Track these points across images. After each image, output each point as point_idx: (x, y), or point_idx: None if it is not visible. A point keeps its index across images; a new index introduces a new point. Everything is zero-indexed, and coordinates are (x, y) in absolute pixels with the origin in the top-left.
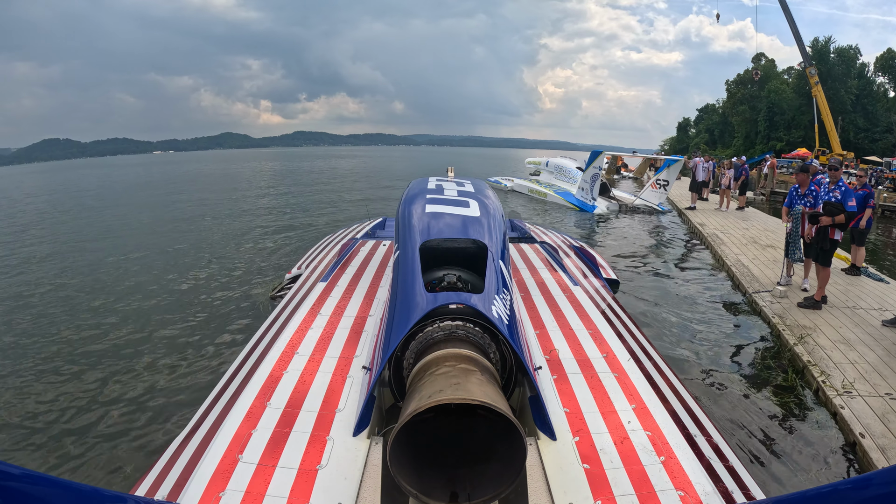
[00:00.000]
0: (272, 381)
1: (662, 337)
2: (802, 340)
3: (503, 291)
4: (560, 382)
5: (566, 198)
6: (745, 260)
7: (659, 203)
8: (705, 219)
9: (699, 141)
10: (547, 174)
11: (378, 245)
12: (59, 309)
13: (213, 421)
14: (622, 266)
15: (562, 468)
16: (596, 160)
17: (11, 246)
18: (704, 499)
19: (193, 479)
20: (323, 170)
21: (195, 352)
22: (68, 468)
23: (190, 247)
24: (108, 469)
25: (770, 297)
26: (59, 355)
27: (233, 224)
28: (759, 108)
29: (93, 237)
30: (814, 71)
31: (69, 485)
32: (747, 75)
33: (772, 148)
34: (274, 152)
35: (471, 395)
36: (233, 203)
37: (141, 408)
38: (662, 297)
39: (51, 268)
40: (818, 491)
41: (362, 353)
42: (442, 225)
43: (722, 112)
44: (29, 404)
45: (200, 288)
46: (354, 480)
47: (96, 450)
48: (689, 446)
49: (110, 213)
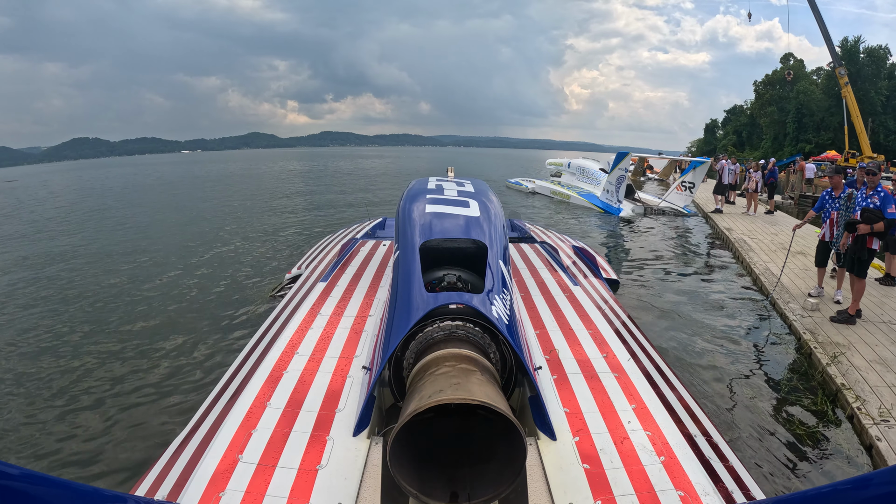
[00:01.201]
0: (272, 381)
1: (683, 348)
2: (835, 360)
3: (503, 291)
4: (560, 382)
5: (590, 200)
6: (775, 268)
7: (684, 206)
8: (732, 223)
9: (727, 143)
10: (568, 175)
11: (378, 245)
12: (59, 308)
13: (213, 421)
14: (646, 271)
15: (562, 468)
16: (622, 162)
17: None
18: (704, 499)
19: (193, 479)
20: (352, 170)
21: (195, 352)
22: (68, 468)
23: (198, 245)
24: (109, 469)
25: (801, 310)
26: (58, 355)
27: (249, 223)
28: (788, 109)
29: (93, 237)
30: (843, 71)
31: (69, 485)
32: (776, 76)
33: (800, 150)
34: (301, 152)
35: (471, 395)
36: (256, 203)
37: (141, 408)
38: (684, 305)
39: (51, 269)
40: (818, 491)
41: (362, 353)
42: (442, 225)
43: (750, 113)
44: (28, 405)
45: (201, 288)
46: (354, 480)
47: (96, 450)
48: (689, 446)
49: (127, 212)
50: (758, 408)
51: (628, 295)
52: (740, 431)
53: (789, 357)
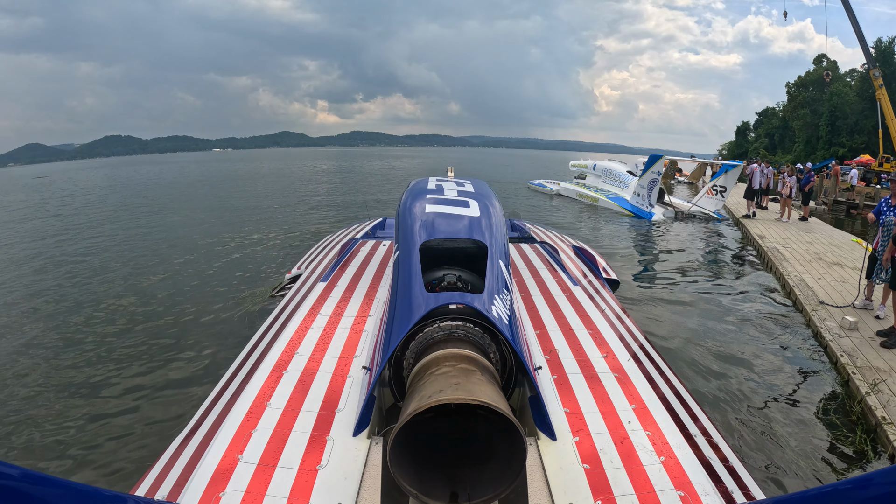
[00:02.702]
0: (272, 380)
1: (707, 368)
2: (876, 388)
3: (503, 291)
4: (560, 382)
5: (620, 203)
6: (810, 280)
7: (715, 210)
8: (765, 230)
9: (758, 146)
10: (594, 178)
11: (378, 245)
12: (58, 305)
13: (213, 421)
14: (672, 278)
15: (562, 468)
16: (655, 165)
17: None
18: (704, 499)
19: (193, 479)
20: (381, 170)
21: (195, 352)
22: (69, 468)
23: (198, 246)
24: (109, 469)
25: (838, 329)
26: (57, 355)
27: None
28: (821, 112)
29: (95, 238)
30: (878, 73)
31: (69, 485)
32: (808, 77)
33: (833, 154)
34: (331, 151)
35: (471, 395)
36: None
37: (141, 408)
38: (710, 315)
39: (53, 270)
40: (818, 491)
41: (362, 353)
42: (442, 225)
43: (782, 116)
44: (28, 405)
45: (202, 287)
46: (354, 480)
47: (96, 450)
48: (689, 446)
49: (144, 210)
50: (785, 437)
51: (653, 302)
52: (762, 463)
53: (824, 383)
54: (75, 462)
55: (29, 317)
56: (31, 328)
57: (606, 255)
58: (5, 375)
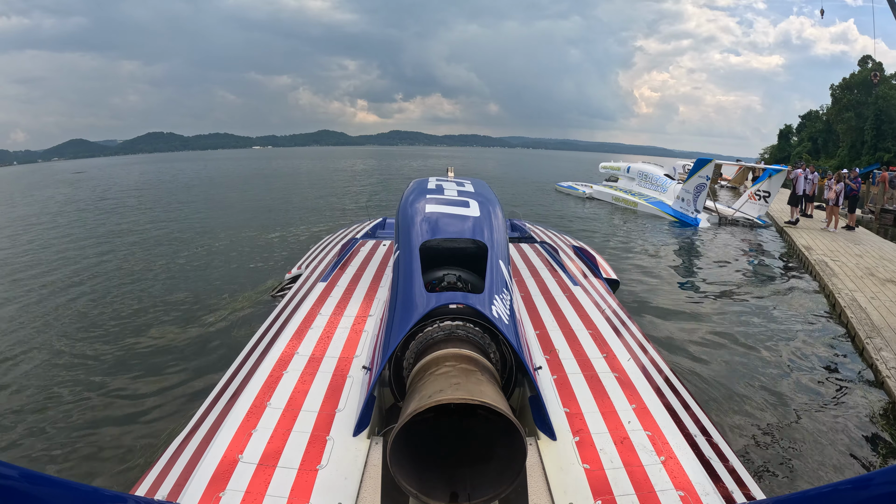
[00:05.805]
0: (272, 380)
1: (735, 385)
2: None
3: (503, 291)
4: (560, 382)
5: (661, 208)
6: (863, 299)
7: (758, 216)
8: (811, 241)
9: (801, 150)
10: (627, 181)
11: (378, 245)
12: (56, 304)
13: (213, 421)
14: (710, 289)
15: (562, 468)
16: (702, 169)
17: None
18: (704, 499)
19: (193, 479)
20: (420, 168)
21: (195, 351)
22: (69, 468)
23: (202, 245)
24: (109, 469)
25: (895, 361)
26: (56, 355)
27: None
28: (866, 115)
29: (98, 239)
30: None
31: (69, 485)
32: (853, 79)
33: (879, 159)
34: (370, 150)
35: (471, 395)
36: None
37: (140, 408)
38: (748, 333)
39: (55, 272)
40: (819, 491)
41: (362, 353)
42: (442, 225)
43: (826, 119)
44: (28, 405)
45: (201, 287)
46: (354, 480)
47: (96, 450)
48: (689, 446)
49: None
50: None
51: (687, 313)
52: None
53: (876, 427)
54: (76, 462)
55: (29, 316)
56: (31, 328)
57: (648, 265)
58: (6, 375)
